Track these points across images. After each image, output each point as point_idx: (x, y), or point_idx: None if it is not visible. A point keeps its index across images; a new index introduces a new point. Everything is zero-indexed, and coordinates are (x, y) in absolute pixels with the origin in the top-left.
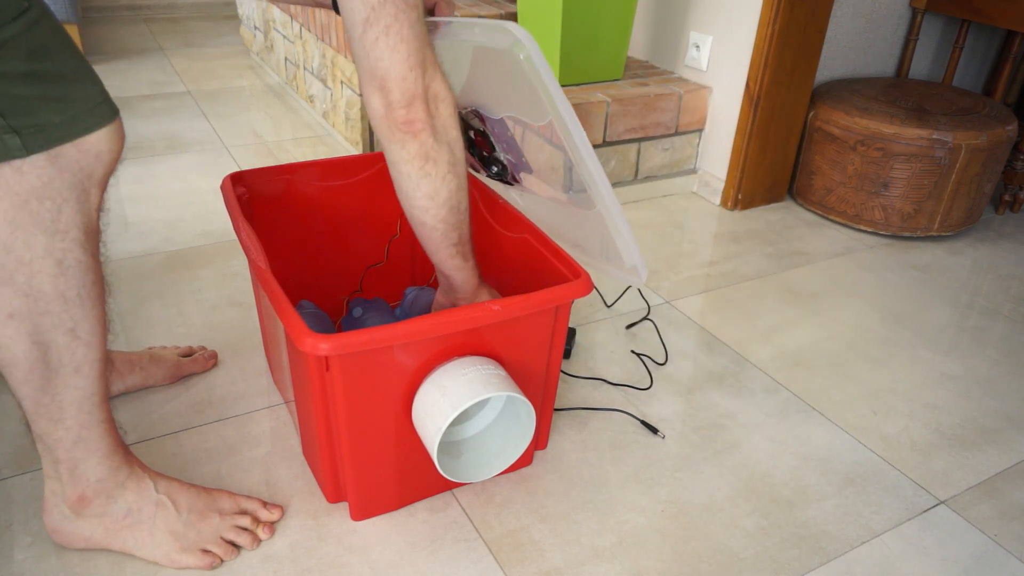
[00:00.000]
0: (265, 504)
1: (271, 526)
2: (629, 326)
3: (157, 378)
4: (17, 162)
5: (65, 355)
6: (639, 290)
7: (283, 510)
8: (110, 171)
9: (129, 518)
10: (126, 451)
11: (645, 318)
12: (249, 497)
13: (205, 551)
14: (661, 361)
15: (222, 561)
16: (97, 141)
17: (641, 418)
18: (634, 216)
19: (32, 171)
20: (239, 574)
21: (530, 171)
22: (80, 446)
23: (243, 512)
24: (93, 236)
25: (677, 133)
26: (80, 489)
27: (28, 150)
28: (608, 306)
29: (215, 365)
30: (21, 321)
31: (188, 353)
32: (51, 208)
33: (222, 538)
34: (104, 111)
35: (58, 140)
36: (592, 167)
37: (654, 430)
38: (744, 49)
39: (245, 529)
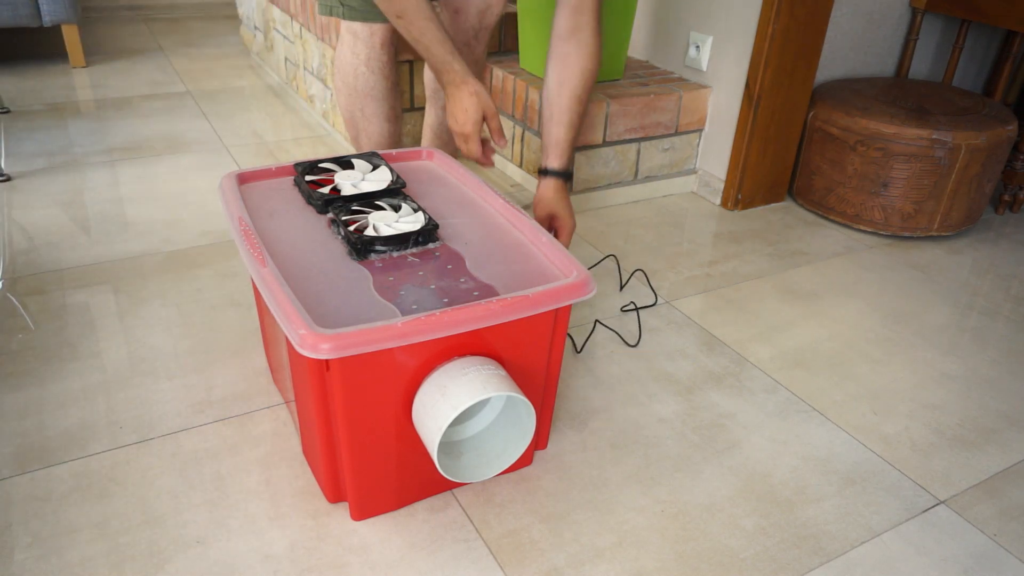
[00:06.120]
0: None
1: None
2: (632, 309)
3: None
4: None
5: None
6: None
7: None
8: (383, 42)
9: None
10: None
11: (635, 309)
12: None
13: None
14: (633, 343)
15: None
16: (373, 28)
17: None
18: (634, 216)
19: (351, 29)
20: (239, 574)
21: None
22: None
23: None
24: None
25: (677, 133)
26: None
27: (345, 17)
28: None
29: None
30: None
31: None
32: (364, 44)
33: None
34: (376, 15)
35: (356, 19)
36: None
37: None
38: (744, 49)
39: None
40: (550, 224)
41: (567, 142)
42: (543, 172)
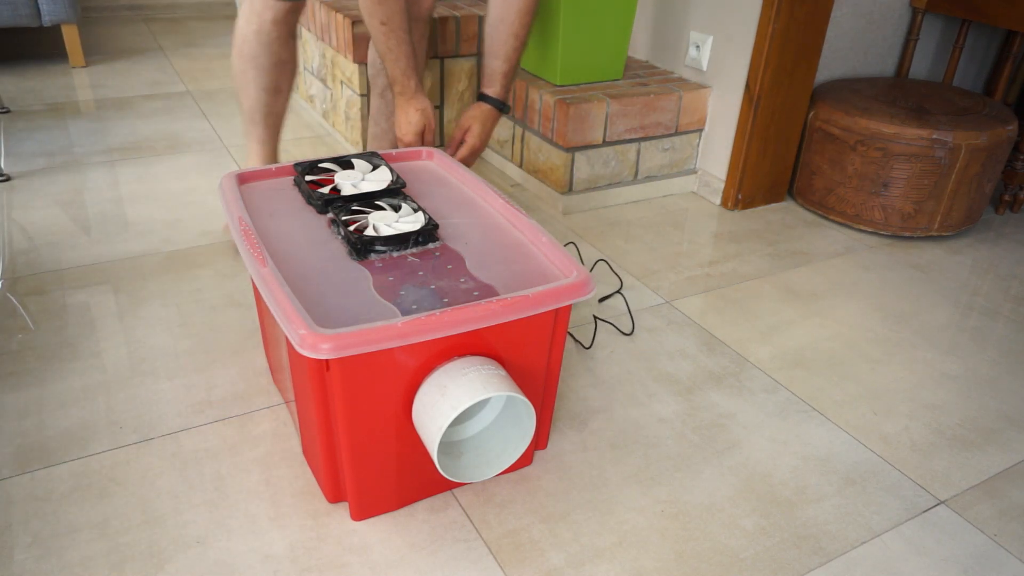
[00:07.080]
0: None
1: None
2: (602, 299)
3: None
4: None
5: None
6: (609, 264)
7: None
8: (275, 19)
9: None
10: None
11: (617, 292)
12: None
13: None
14: (627, 331)
15: None
16: (268, 3)
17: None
18: (634, 216)
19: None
20: (239, 574)
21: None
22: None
23: None
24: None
25: (677, 133)
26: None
27: None
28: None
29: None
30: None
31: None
32: (257, 16)
33: None
34: None
35: None
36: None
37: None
38: (744, 49)
39: None
40: (461, 136)
41: (502, 74)
42: (479, 96)
